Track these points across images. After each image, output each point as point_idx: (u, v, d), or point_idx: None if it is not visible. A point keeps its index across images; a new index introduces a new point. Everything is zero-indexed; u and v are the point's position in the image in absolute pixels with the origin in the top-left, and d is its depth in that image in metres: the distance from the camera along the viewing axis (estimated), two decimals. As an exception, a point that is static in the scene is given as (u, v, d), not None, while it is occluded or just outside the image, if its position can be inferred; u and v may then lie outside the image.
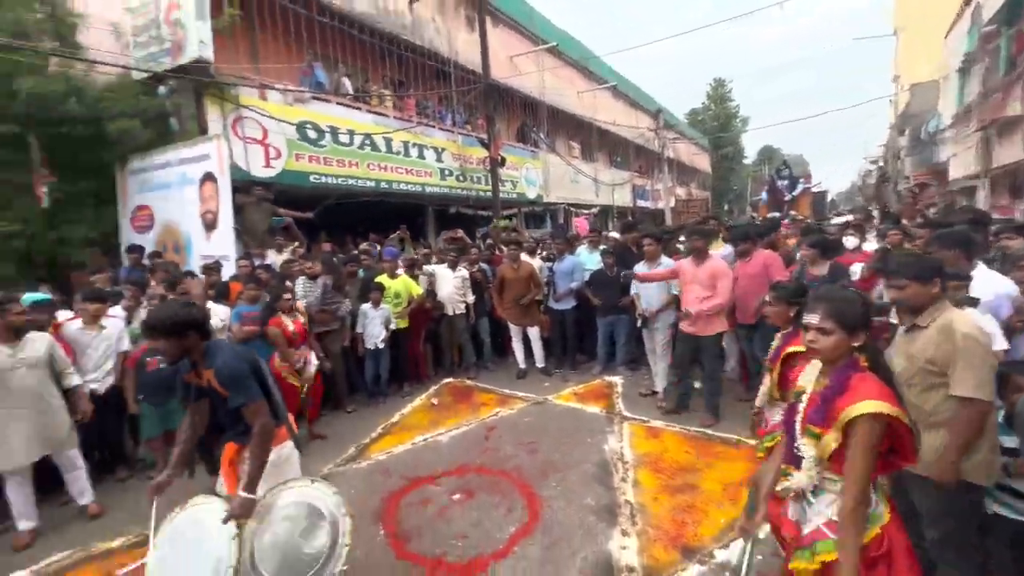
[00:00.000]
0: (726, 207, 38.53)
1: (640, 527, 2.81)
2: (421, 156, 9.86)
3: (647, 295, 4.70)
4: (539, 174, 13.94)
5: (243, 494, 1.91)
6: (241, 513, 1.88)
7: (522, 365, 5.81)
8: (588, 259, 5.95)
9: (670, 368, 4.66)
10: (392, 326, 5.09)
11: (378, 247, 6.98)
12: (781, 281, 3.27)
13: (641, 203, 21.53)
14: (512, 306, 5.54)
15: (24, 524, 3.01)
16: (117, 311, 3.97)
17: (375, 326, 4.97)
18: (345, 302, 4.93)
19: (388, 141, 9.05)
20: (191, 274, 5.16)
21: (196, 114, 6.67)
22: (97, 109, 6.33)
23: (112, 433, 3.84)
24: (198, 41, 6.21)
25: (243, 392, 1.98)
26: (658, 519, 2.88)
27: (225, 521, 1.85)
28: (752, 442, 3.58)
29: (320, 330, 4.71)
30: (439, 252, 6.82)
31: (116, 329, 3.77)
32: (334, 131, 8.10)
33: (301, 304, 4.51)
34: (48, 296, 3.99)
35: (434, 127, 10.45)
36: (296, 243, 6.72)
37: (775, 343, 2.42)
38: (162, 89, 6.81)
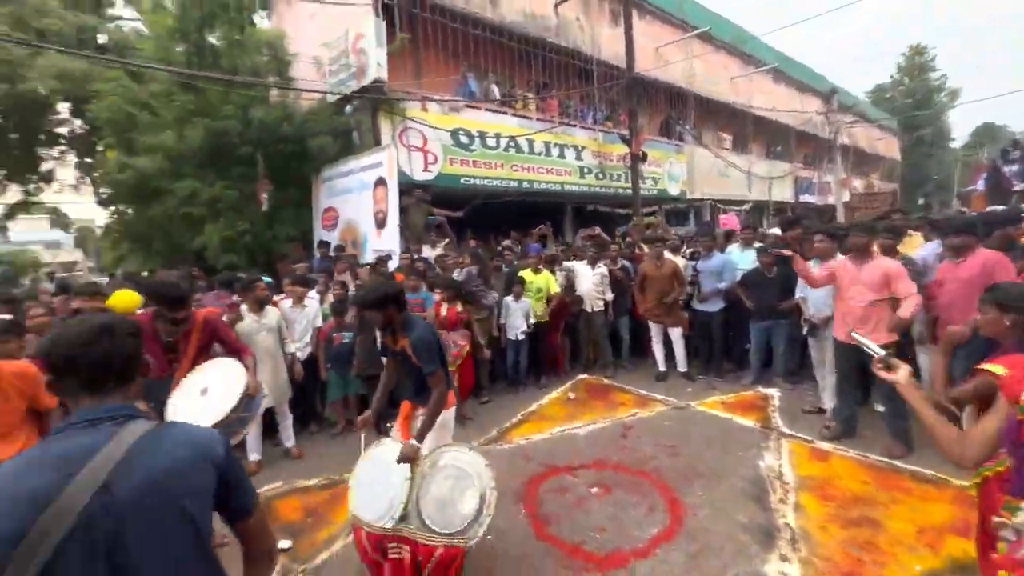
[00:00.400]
0: (921, 200, 31.44)
1: (804, 555, 2.50)
2: (562, 155, 10.04)
3: (816, 299, 4.13)
4: (683, 169, 13.14)
5: (413, 442, 2.27)
6: (409, 456, 2.23)
7: (662, 367, 5.56)
8: (740, 258, 5.44)
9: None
10: (532, 319, 5.29)
11: (519, 245, 7.31)
12: (1002, 283, 2.56)
13: (805, 198, 18.88)
14: (653, 304, 5.33)
15: (253, 456, 3.85)
16: (313, 294, 4.82)
17: (516, 318, 5.21)
18: (492, 293, 5.26)
19: (531, 142, 9.40)
20: (374, 264, 6.00)
21: (372, 127, 7.75)
22: (303, 129, 7.77)
23: (308, 394, 4.67)
24: (376, 64, 7.20)
25: (432, 361, 2.35)
26: (827, 551, 2.53)
27: (398, 461, 2.22)
28: (958, 482, 2.95)
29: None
30: (577, 250, 6.87)
31: (314, 308, 4.59)
32: (482, 136, 8.69)
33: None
34: (271, 279, 5.03)
35: (575, 126, 10.54)
36: (447, 239, 7.39)
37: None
38: (348, 108, 8.06)
